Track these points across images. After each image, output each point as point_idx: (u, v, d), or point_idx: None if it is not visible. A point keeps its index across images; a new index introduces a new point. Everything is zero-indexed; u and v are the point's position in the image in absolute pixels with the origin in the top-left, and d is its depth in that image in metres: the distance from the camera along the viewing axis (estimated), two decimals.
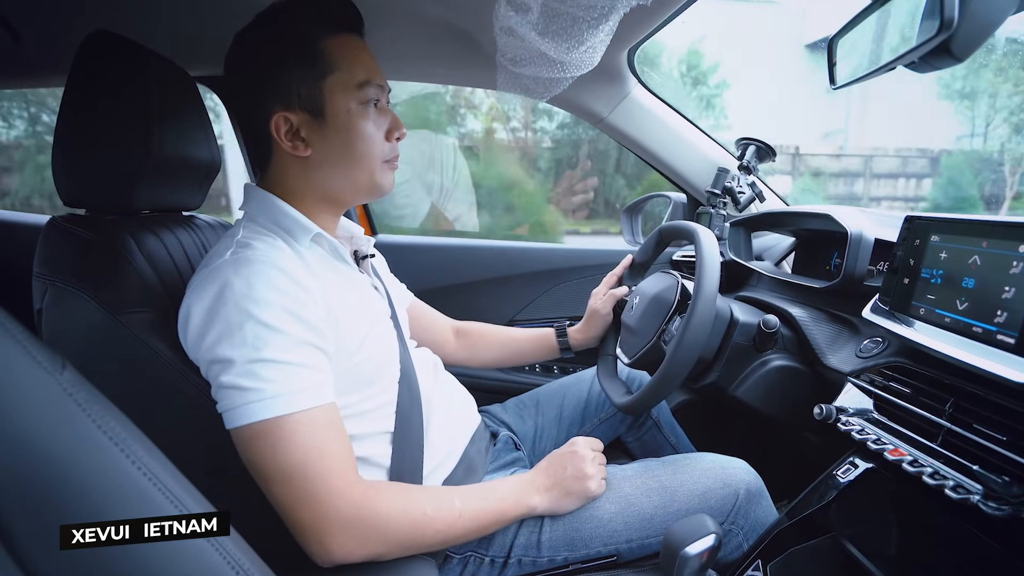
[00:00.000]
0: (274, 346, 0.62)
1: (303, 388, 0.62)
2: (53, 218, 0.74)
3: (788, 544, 0.72)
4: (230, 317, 0.61)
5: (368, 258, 0.89)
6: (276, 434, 0.61)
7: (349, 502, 0.62)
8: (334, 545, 0.62)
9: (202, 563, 0.38)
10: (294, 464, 0.61)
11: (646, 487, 0.81)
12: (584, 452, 0.81)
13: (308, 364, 0.64)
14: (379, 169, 0.77)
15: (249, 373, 0.61)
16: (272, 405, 0.60)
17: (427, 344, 1.06)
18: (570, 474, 0.78)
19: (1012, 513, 0.52)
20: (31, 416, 0.33)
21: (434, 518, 0.67)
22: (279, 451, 0.61)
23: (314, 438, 0.62)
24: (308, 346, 0.64)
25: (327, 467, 0.62)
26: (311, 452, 0.61)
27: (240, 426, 0.61)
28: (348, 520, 0.62)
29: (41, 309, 0.70)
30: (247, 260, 0.64)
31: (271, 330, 0.62)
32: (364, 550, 0.63)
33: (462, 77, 1.47)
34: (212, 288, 0.63)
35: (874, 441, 0.69)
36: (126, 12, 1.03)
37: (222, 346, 0.61)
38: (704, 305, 0.79)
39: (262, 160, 0.77)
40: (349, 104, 0.72)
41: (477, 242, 1.70)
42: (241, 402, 0.61)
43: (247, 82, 0.73)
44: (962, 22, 0.52)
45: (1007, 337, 0.58)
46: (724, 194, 1.30)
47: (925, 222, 0.73)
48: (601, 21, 0.70)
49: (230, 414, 0.61)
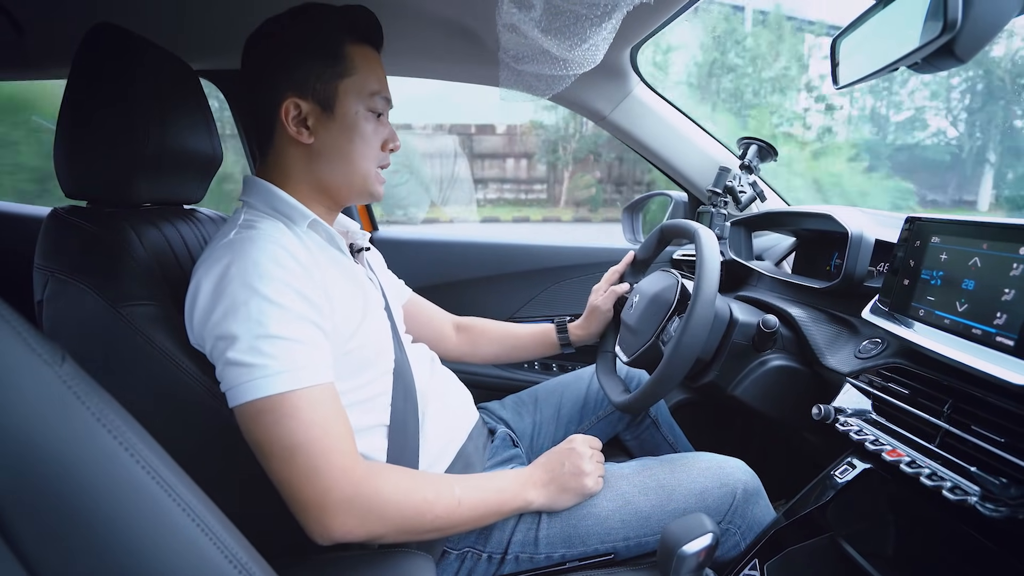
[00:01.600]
0: (277, 321, 0.63)
1: (304, 365, 0.64)
2: (55, 210, 0.75)
3: (785, 544, 0.72)
4: (236, 293, 0.63)
5: (364, 251, 0.90)
6: (279, 410, 0.62)
7: (351, 480, 0.63)
8: (334, 523, 0.62)
9: (202, 560, 0.38)
10: (297, 441, 0.61)
11: (644, 485, 0.81)
12: (582, 449, 0.81)
13: (309, 341, 0.65)
14: (372, 174, 0.80)
15: (253, 350, 0.62)
16: (276, 382, 0.62)
17: (427, 339, 1.06)
18: (567, 471, 0.79)
19: (1009, 514, 0.53)
20: (30, 408, 0.33)
21: (434, 504, 0.68)
22: (282, 427, 0.61)
23: (316, 415, 0.63)
24: (309, 323, 0.66)
25: (329, 445, 0.63)
26: (314, 429, 0.62)
27: (244, 403, 0.62)
28: (349, 498, 0.63)
29: (42, 301, 0.70)
30: (251, 239, 0.66)
31: (275, 305, 0.63)
32: (363, 530, 0.64)
33: (465, 74, 1.47)
34: (218, 267, 0.65)
35: (872, 442, 0.69)
36: (129, 5, 1.03)
37: (227, 322, 0.62)
38: (703, 305, 0.79)
39: (263, 145, 0.79)
40: (358, 107, 0.77)
41: (478, 239, 1.70)
42: (246, 379, 0.62)
43: (266, 67, 0.75)
44: (965, 23, 0.52)
45: (1006, 339, 0.58)
46: (725, 193, 1.30)
47: (926, 223, 0.73)
48: (604, 19, 0.70)
49: (234, 391, 0.62)
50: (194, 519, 0.38)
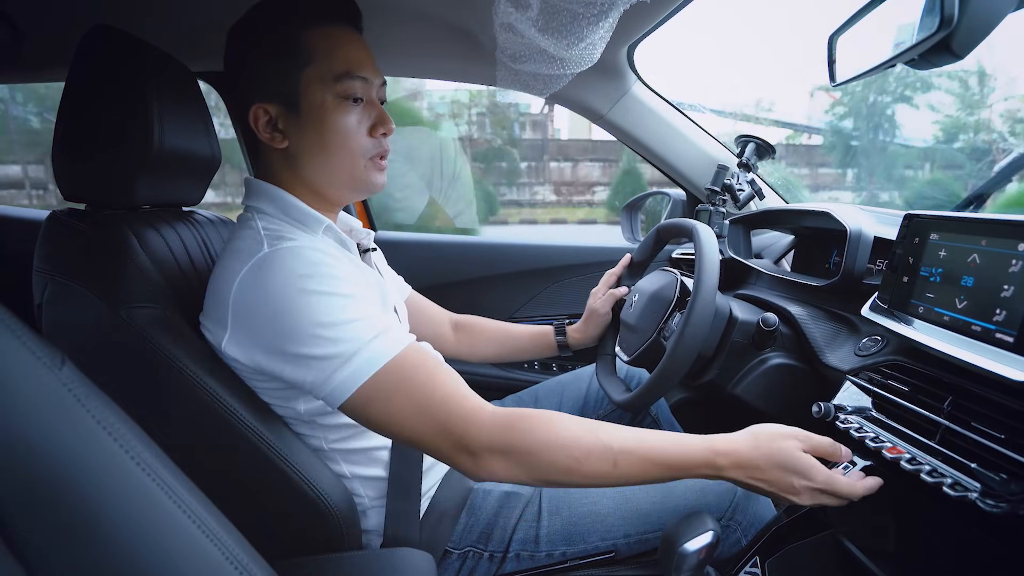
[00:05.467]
0: (351, 309, 0.64)
1: (387, 329, 0.65)
2: (53, 213, 0.75)
3: (786, 541, 0.72)
4: (298, 302, 0.62)
5: (370, 251, 0.89)
6: (393, 378, 0.62)
7: (485, 421, 0.63)
8: (481, 465, 0.62)
9: (202, 560, 0.38)
10: (422, 397, 0.63)
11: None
12: (810, 461, 0.64)
13: (378, 314, 0.66)
14: (361, 165, 0.76)
15: (338, 339, 0.62)
16: (376, 354, 0.63)
17: (425, 338, 1.07)
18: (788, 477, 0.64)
19: (1009, 510, 0.53)
20: (30, 412, 0.33)
21: (583, 463, 0.63)
22: (400, 397, 0.62)
23: (423, 372, 0.64)
24: (372, 303, 0.67)
25: (449, 393, 0.64)
26: (434, 379, 0.64)
27: (356, 390, 0.62)
28: (487, 442, 0.62)
29: (41, 304, 0.70)
30: (292, 250, 0.66)
31: (339, 297, 0.64)
32: (506, 472, 0.63)
33: (462, 73, 1.47)
34: (273, 283, 0.63)
35: (872, 439, 0.69)
36: (127, 7, 1.03)
37: (299, 331, 0.62)
38: (703, 302, 0.79)
39: (252, 154, 0.79)
40: (324, 97, 0.71)
41: (475, 239, 1.70)
42: (347, 369, 0.62)
43: (231, 74, 0.75)
44: (962, 19, 0.52)
45: (1006, 335, 0.58)
46: (723, 191, 1.30)
47: (924, 220, 0.73)
48: (601, 18, 0.70)
49: (340, 387, 0.62)
50: (194, 520, 0.38)
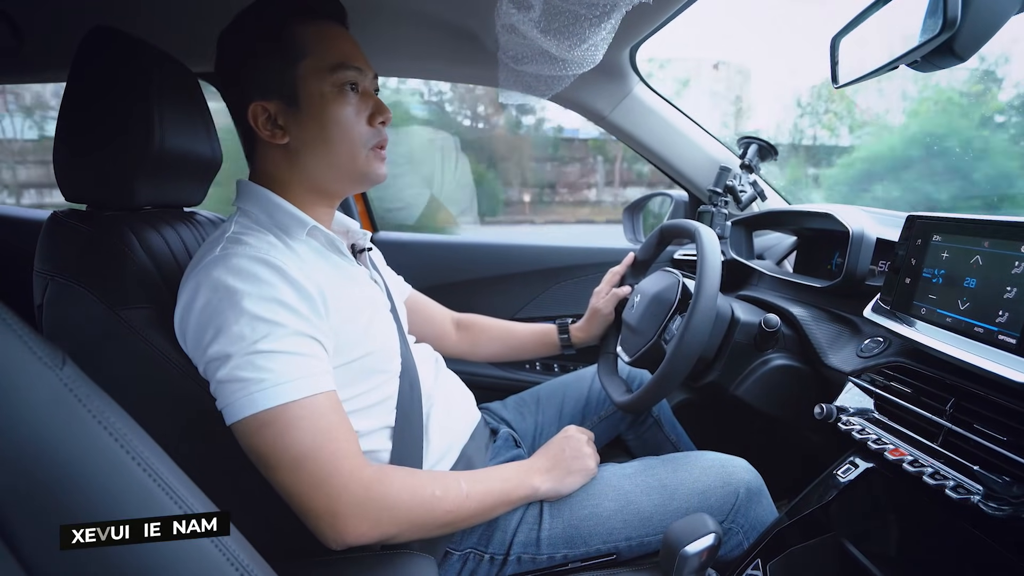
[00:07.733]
0: (271, 338, 0.62)
1: (304, 376, 0.63)
2: (54, 213, 0.74)
3: (788, 543, 0.72)
4: (225, 314, 0.62)
5: (366, 251, 0.89)
6: (282, 421, 0.61)
7: (360, 484, 0.63)
8: (347, 528, 0.62)
9: (203, 562, 0.38)
10: (303, 450, 0.61)
11: (646, 485, 0.81)
12: (578, 435, 0.84)
13: (306, 353, 0.64)
14: (362, 155, 0.76)
15: (248, 365, 0.61)
16: (276, 393, 0.61)
17: (427, 336, 1.06)
18: (569, 455, 0.81)
19: (1012, 513, 0.52)
20: (31, 411, 0.33)
21: (443, 499, 0.68)
22: (287, 438, 0.61)
23: (320, 423, 0.63)
24: (304, 336, 0.65)
25: (336, 451, 0.63)
26: (319, 437, 0.62)
27: (244, 417, 0.61)
28: (360, 502, 0.63)
29: (42, 304, 0.70)
30: (236, 255, 0.65)
31: (267, 323, 0.62)
32: (377, 531, 0.64)
33: (464, 74, 1.47)
34: (205, 288, 0.63)
35: (874, 441, 0.69)
36: (127, 8, 1.03)
37: (220, 342, 0.62)
38: (705, 304, 0.79)
39: (249, 153, 0.78)
40: (322, 88, 0.72)
41: (477, 240, 1.70)
42: (243, 394, 0.61)
43: (226, 75, 0.75)
44: (965, 21, 0.52)
45: (1008, 337, 0.58)
46: (726, 193, 1.30)
47: (927, 222, 0.73)
48: (603, 19, 0.70)
49: (232, 408, 0.62)
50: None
